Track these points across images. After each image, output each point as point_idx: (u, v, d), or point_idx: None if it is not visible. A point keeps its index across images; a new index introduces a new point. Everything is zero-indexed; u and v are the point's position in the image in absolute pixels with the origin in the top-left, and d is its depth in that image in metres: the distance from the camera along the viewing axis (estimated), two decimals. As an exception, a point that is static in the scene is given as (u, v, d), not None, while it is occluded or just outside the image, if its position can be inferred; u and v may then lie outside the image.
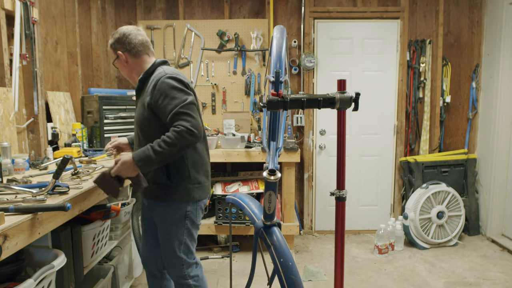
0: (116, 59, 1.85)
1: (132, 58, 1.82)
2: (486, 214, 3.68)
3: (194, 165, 1.80)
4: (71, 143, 2.57)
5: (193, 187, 1.80)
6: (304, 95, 1.31)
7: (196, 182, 1.81)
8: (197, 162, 1.82)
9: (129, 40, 1.79)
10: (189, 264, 1.87)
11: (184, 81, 1.71)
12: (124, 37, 1.79)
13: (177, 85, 1.67)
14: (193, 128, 1.58)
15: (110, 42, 1.84)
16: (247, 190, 3.24)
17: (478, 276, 2.93)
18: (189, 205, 1.81)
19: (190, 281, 1.86)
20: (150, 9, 3.76)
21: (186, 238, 1.83)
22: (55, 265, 1.39)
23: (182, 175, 1.77)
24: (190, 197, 1.79)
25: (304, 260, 3.26)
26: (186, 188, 1.78)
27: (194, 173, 1.80)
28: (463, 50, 3.77)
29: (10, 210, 1.26)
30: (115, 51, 1.83)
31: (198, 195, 1.82)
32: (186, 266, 1.85)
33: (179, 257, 1.83)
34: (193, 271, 1.88)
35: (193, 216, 1.83)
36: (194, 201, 1.82)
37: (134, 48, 1.80)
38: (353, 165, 3.83)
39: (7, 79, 2.15)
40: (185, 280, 1.86)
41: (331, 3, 3.68)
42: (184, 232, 1.82)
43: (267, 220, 1.47)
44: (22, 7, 2.23)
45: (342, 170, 1.39)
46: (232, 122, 3.50)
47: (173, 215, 1.80)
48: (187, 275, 1.86)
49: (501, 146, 3.52)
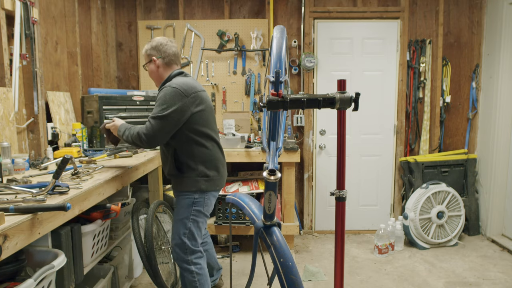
0: (149, 62, 2.14)
1: (164, 66, 2.13)
2: (486, 214, 3.68)
3: (203, 161, 2.08)
4: (71, 143, 2.57)
5: (200, 179, 2.07)
6: (304, 95, 1.31)
7: (204, 175, 2.08)
8: (205, 159, 2.09)
9: (164, 49, 2.11)
10: (193, 251, 2.10)
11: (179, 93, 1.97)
12: (161, 46, 2.11)
13: (167, 95, 1.95)
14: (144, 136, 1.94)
15: (146, 47, 2.14)
16: (247, 190, 3.24)
17: (478, 276, 2.93)
18: (197, 194, 2.08)
19: (193, 267, 2.09)
20: (150, 9, 3.76)
21: (191, 224, 2.09)
22: (55, 265, 1.39)
23: (190, 168, 2.07)
24: (197, 188, 2.07)
25: (304, 260, 3.26)
26: (194, 180, 2.07)
27: (202, 168, 2.07)
28: (463, 50, 3.77)
29: (10, 210, 1.26)
30: (150, 56, 2.13)
31: (205, 187, 2.09)
32: (189, 252, 2.09)
33: (183, 242, 2.08)
34: (196, 259, 2.11)
35: (200, 205, 2.09)
36: (202, 191, 2.09)
37: (167, 57, 2.12)
38: (353, 165, 3.83)
39: (7, 79, 2.15)
40: (188, 265, 2.09)
41: (331, 3, 3.69)
42: (190, 218, 2.09)
43: (267, 220, 1.47)
44: (22, 7, 2.23)
45: (342, 170, 1.39)
46: (232, 122, 3.50)
47: (183, 201, 2.09)
48: (190, 261, 2.09)
49: (501, 146, 3.52)
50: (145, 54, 2.15)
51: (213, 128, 2.16)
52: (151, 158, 2.59)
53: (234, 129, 3.49)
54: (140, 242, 2.28)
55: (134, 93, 3.10)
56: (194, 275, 2.09)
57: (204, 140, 2.08)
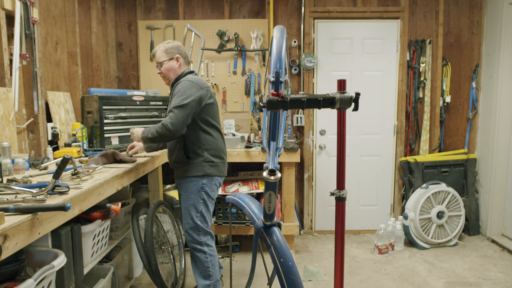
0: (170, 60, 2.32)
1: (183, 64, 2.37)
2: (486, 214, 3.68)
3: (208, 148, 2.28)
4: (71, 143, 2.57)
5: (206, 164, 2.27)
6: (304, 95, 1.31)
7: (209, 161, 2.28)
8: (211, 147, 2.29)
9: (184, 50, 2.38)
10: (206, 232, 2.30)
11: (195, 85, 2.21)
12: (181, 47, 2.36)
13: (185, 86, 2.18)
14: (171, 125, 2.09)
15: (166, 46, 2.33)
16: (247, 190, 3.24)
17: (478, 276, 2.93)
18: (205, 179, 2.27)
19: (206, 248, 2.28)
20: (150, 9, 3.76)
21: (202, 207, 2.28)
22: (55, 265, 1.39)
23: (197, 155, 2.26)
24: (204, 172, 2.26)
25: (304, 260, 3.26)
26: (201, 165, 2.26)
27: (207, 154, 2.27)
28: (463, 50, 3.77)
29: (10, 210, 1.26)
30: (173, 54, 2.32)
31: (211, 171, 2.28)
32: (203, 233, 2.28)
33: (197, 224, 2.26)
34: (209, 241, 2.31)
35: (208, 189, 2.29)
36: (209, 176, 2.28)
37: (186, 58, 2.39)
38: (353, 165, 3.83)
39: (7, 79, 2.15)
40: (201, 246, 2.28)
41: (331, 3, 3.68)
42: (201, 202, 2.27)
43: (267, 220, 1.47)
44: (22, 7, 2.23)
45: (342, 170, 1.39)
46: (232, 122, 3.50)
47: (192, 187, 2.26)
48: (203, 242, 2.28)
49: (501, 146, 3.52)
50: (165, 52, 2.32)
51: (218, 121, 2.39)
52: (151, 158, 2.59)
53: (234, 129, 3.49)
54: (140, 242, 2.28)
55: (134, 93, 3.10)
56: (207, 255, 2.28)
57: (211, 129, 2.31)
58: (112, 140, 2.81)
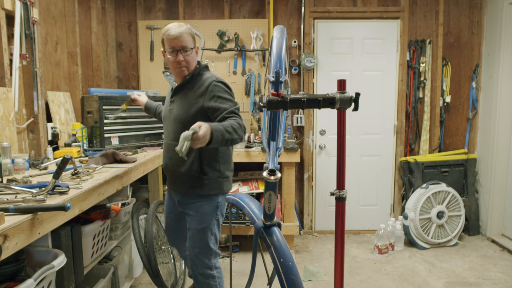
0: (193, 48, 1.92)
1: (196, 55, 1.98)
2: (486, 214, 3.68)
3: (224, 161, 1.99)
4: (71, 143, 2.57)
5: (223, 180, 1.98)
6: (304, 95, 1.31)
7: (225, 176, 1.99)
8: (227, 159, 2.01)
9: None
10: (216, 254, 2.03)
11: (231, 88, 1.92)
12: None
13: (228, 90, 1.88)
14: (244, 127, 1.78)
15: (193, 31, 1.93)
16: (247, 190, 3.24)
17: (478, 276, 2.93)
18: (220, 196, 1.98)
19: (215, 272, 2.01)
20: (150, 9, 3.76)
21: (216, 229, 2.00)
22: (55, 265, 1.39)
23: (214, 169, 1.94)
24: (221, 190, 1.97)
25: (304, 260, 3.26)
26: (217, 182, 1.95)
27: (223, 168, 1.98)
28: (463, 50, 3.77)
29: (10, 210, 1.26)
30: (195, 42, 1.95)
31: (227, 188, 2.01)
32: (213, 256, 2.01)
33: (211, 248, 1.98)
34: (217, 262, 2.04)
35: (222, 207, 2.01)
36: (224, 193, 2.00)
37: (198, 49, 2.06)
38: (353, 165, 3.83)
39: (7, 79, 2.15)
40: (211, 271, 2.00)
41: (331, 3, 3.68)
42: (215, 223, 1.98)
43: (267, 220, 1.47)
44: (22, 7, 2.23)
45: (342, 170, 1.39)
46: (232, 122, 3.49)
47: (207, 206, 1.95)
48: (213, 266, 2.01)
49: (501, 146, 3.52)
50: (192, 37, 1.91)
51: None
52: (151, 158, 2.59)
53: (234, 129, 3.48)
54: (140, 242, 2.28)
55: (134, 93, 3.10)
56: (216, 279, 2.02)
57: None
58: (112, 140, 2.81)
